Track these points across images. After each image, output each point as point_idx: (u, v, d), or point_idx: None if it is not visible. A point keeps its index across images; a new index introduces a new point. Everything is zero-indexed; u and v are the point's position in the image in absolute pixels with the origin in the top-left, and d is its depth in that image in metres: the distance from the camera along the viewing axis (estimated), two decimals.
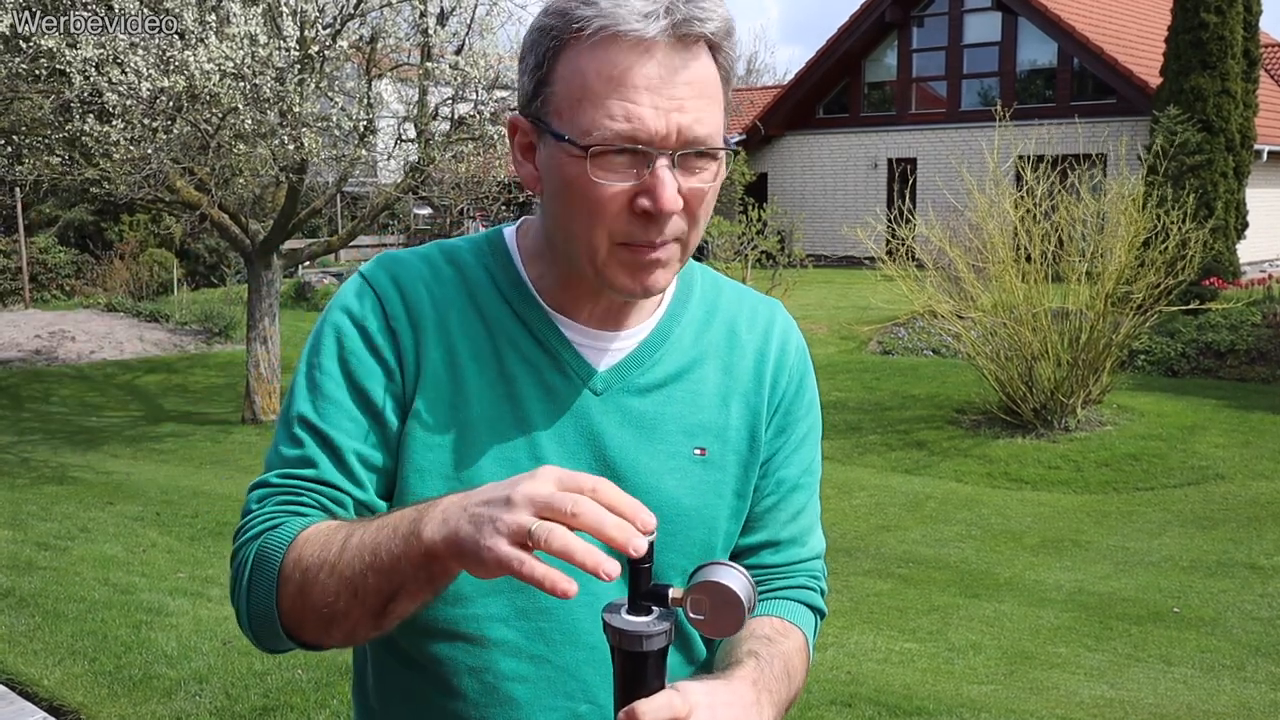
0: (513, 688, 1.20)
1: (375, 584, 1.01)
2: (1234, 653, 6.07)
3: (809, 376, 1.40)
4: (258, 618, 1.11)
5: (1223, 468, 9.78)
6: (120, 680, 4.48)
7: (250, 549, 1.12)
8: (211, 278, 23.14)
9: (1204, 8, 15.45)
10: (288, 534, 1.10)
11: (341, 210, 23.05)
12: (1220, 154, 15.63)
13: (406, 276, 1.23)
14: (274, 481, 1.18)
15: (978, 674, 5.59)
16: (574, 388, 1.22)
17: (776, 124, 25.17)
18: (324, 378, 1.20)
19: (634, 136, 1.08)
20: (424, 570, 0.98)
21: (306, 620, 1.08)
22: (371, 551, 1.01)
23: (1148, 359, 13.19)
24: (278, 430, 1.22)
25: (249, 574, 1.11)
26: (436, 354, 1.20)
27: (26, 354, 16.93)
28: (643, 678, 0.97)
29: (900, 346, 14.72)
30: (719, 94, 1.14)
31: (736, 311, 1.34)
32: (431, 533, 0.96)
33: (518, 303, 1.23)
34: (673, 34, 1.08)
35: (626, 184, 1.10)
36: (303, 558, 1.07)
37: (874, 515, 9.05)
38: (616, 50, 1.08)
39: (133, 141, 9.85)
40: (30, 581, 5.91)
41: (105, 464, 10.65)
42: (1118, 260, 10.47)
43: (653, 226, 1.11)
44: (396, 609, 1.02)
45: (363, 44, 11.27)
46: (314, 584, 1.05)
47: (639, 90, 1.07)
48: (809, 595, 1.36)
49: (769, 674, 1.15)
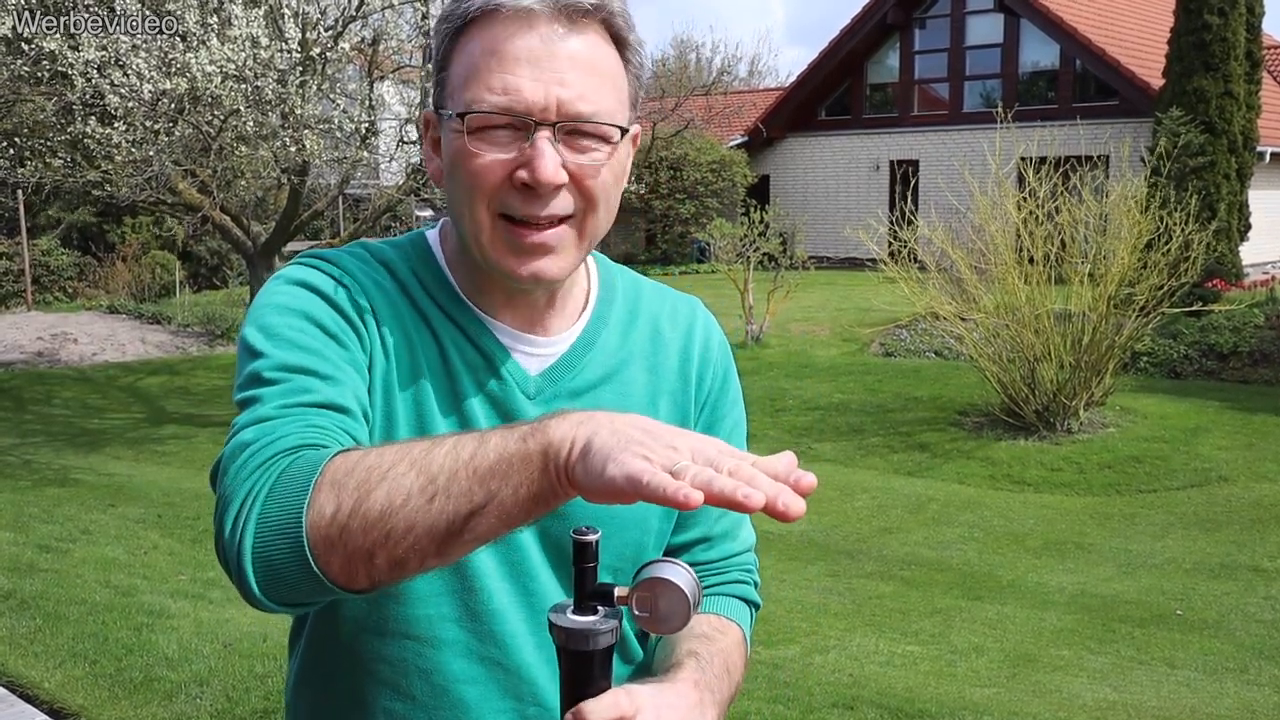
0: (463, 690, 1.19)
1: (465, 486, 0.89)
2: (1238, 655, 6.06)
3: (732, 371, 1.39)
4: (272, 543, 0.93)
5: (1226, 470, 9.76)
6: (121, 683, 4.47)
7: (272, 468, 0.96)
8: (213, 280, 23.17)
9: (1207, 9, 15.44)
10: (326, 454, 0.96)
11: (343, 212, 23.06)
12: (1223, 156, 15.62)
13: (351, 264, 1.20)
14: (272, 413, 1.03)
15: (980, 677, 5.58)
16: (509, 391, 1.21)
17: (778, 126, 25.19)
18: (290, 331, 1.10)
19: (510, 108, 1.08)
20: (527, 480, 0.89)
21: (351, 537, 0.91)
22: (473, 448, 0.91)
23: (1150, 361, 13.17)
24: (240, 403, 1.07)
25: (268, 493, 0.95)
26: (395, 339, 1.17)
27: (29, 356, 16.94)
28: (589, 677, 0.97)
29: (902, 348, 14.70)
30: (611, 75, 1.13)
31: (658, 310, 1.34)
32: (561, 433, 0.89)
33: (449, 305, 1.22)
34: (554, 5, 1.08)
35: (506, 155, 1.09)
36: (357, 458, 0.93)
37: (876, 517, 9.04)
38: (500, 24, 1.09)
39: (135, 144, 9.85)
40: (31, 584, 5.91)
41: (107, 466, 10.65)
42: (1120, 262, 10.46)
43: (534, 201, 1.10)
44: (477, 527, 0.90)
45: (364, 46, 11.27)
46: (381, 482, 0.90)
47: (518, 62, 1.08)
48: (743, 589, 1.36)
49: (710, 673, 1.16)
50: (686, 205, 24.25)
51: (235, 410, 1.09)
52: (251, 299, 12.43)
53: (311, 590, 0.94)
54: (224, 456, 1.02)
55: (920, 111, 23.96)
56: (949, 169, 18.40)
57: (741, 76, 41.44)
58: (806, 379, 13.41)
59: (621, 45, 1.14)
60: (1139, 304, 10.56)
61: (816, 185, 25.21)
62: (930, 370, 13.55)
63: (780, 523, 0.81)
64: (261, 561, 0.94)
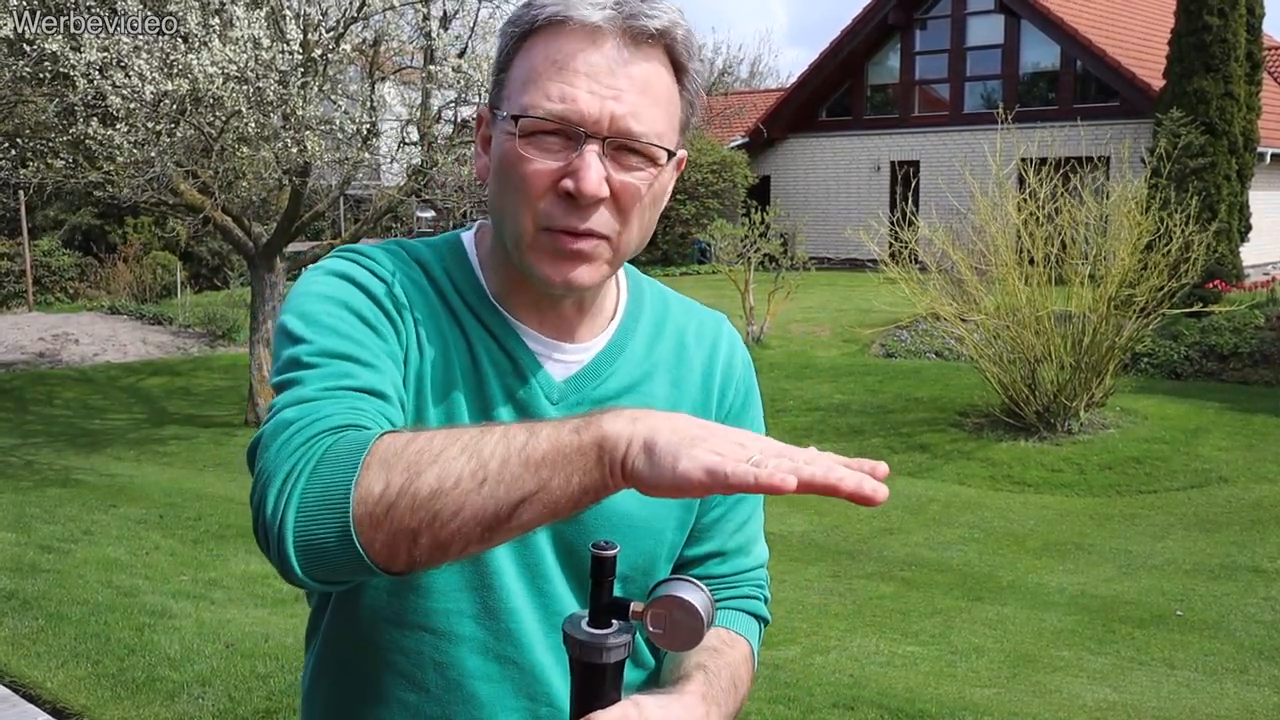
0: (476, 685, 1.21)
1: (515, 473, 0.90)
2: (1237, 656, 6.06)
3: (754, 389, 1.42)
4: (316, 517, 0.93)
5: (1226, 471, 9.77)
6: (123, 683, 4.48)
7: (317, 446, 0.96)
8: (215, 280, 23.18)
9: (1207, 10, 15.45)
10: (372, 435, 0.96)
11: (345, 213, 23.08)
12: (1223, 157, 15.63)
13: (386, 260, 1.22)
14: (313, 395, 1.04)
15: (980, 677, 5.58)
16: (534, 396, 1.23)
17: (779, 127, 25.20)
18: (331, 319, 1.12)
19: (565, 117, 1.10)
20: (580, 471, 0.90)
21: (397, 516, 0.91)
22: (525, 438, 0.92)
23: (1151, 362, 13.18)
24: (276, 388, 1.08)
25: (312, 469, 0.94)
26: (428, 336, 1.19)
27: (30, 356, 16.96)
28: (600, 689, 0.99)
29: (903, 349, 14.71)
30: (667, 100, 1.15)
31: (685, 324, 1.35)
32: (618, 428, 0.90)
33: (479, 307, 1.24)
34: (621, 25, 1.11)
35: (554, 164, 1.11)
36: (407, 439, 0.94)
37: (876, 518, 9.05)
38: (565, 36, 1.11)
39: (136, 145, 9.87)
40: (33, 584, 5.92)
41: (109, 466, 10.66)
42: (1121, 263, 10.46)
43: (576, 212, 1.12)
44: (523, 515, 0.91)
45: (366, 47, 11.29)
46: (433, 463, 0.91)
47: (579, 75, 1.10)
48: (754, 604, 1.37)
49: (717, 687, 1.18)
50: (687, 206, 24.26)
51: (241, 411, 1.11)
52: (253, 300, 12.47)
53: (352, 569, 0.94)
54: (264, 434, 1.02)
55: (921, 112, 23.96)
56: (950, 170, 18.41)
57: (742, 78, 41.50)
58: (807, 380, 13.42)
59: (680, 71, 1.17)
60: (1139, 305, 10.57)
61: (817, 186, 25.21)
62: (931, 371, 13.55)
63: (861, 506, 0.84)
64: (304, 539, 0.93)
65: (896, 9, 23.29)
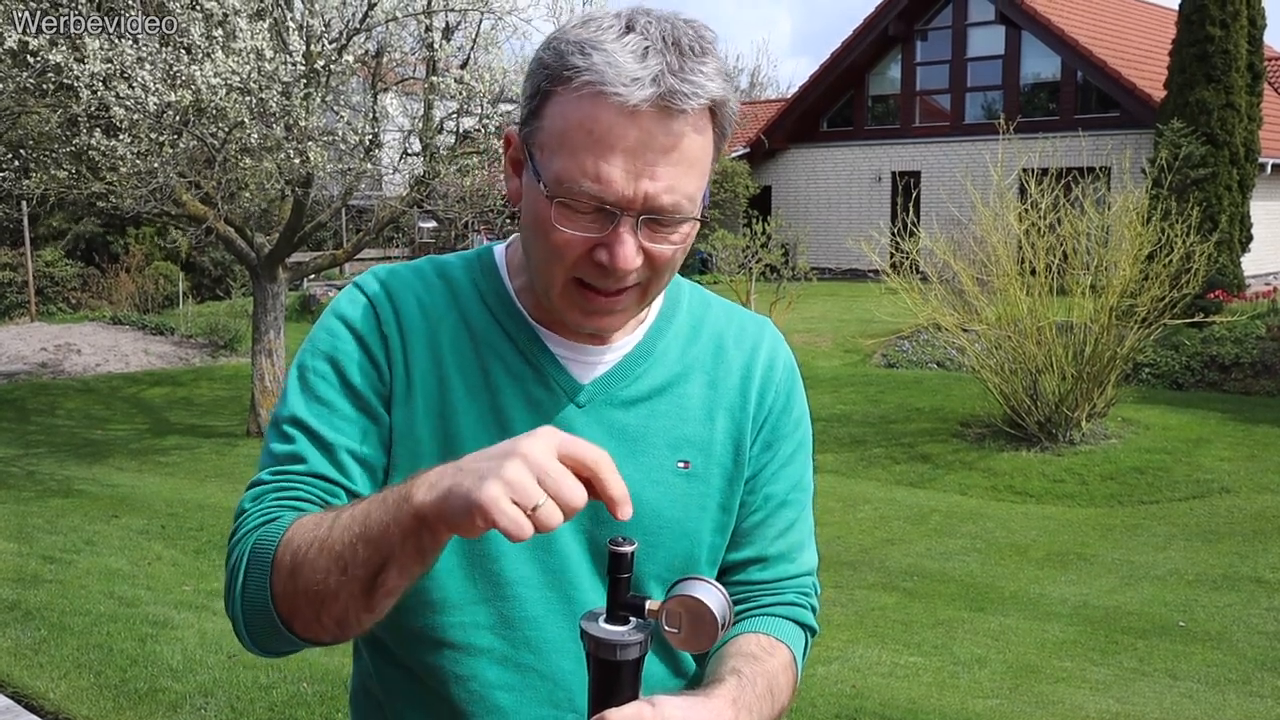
0: (499, 696, 1.22)
1: (365, 555, 1.01)
2: (1240, 667, 6.06)
3: (797, 393, 1.40)
4: (252, 610, 1.10)
5: (1228, 481, 9.76)
6: (126, 693, 4.48)
7: (246, 543, 1.13)
8: (217, 291, 23.20)
9: (1208, 21, 15.49)
10: (282, 526, 1.11)
11: (347, 224, 23.10)
12: (1224, 167, 15.65)
13: (398, 286, 1.26)
14: (266, 479, 1.19)
15: (983, 688, 5.58)
16: (557, 400, 1.24)
17: (780, 137, 25.23)
18: (316, 379, 1.22)
19: (600, 197, 1.10)
20: (413, 537, 0.99)
21: (299, 605, 1.07)
22: (361, 522, 1.02)
23: (1152, 372, 13.18)
24: (268, 432, 1.24)
25: (245, 567, 1.11)
26: (425, 364, 1.23)
27: (32, 367, 16.97)
28: (616, 687, 0.99)
29: (904, 359, 14.72)
30: (700, 159, 1.14)
31: (725, 327, 1.36)
32: (422, 495, 0.98)
33: (503, 316, 1.26)
34: (657, 104, 1.08)
35: (588, 234, 1.12)
36: (294, 539, 1.08)
37: (878, 528, 9.04)
38: (601, 109, 1.08)
39: (139, 155, 9.89)
40: (36, 595, 5.92)
41: (111, 477, 10.67)
42: (1122, 273, 10.47)
43: (609, 278, 1.14)
44: (386, 582, 1.02)
45: (368, 58, 11.31)
46: (305, 564, 1.05)
47: (614, 153, 1.09)
48: (798, 612, 1.35)
49: (750, 693, 1.15)
50: None
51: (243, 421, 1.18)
52: (255, 310, 12.49)
53: (291, 644, 1.12)
54: (237, 510, 1.19)
55: (922, 123, 23.99)
56: (951, 180, 18.43)
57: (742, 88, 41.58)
58: (808, 390, 13.07)
59: (719, 131, 1.16)
60: (1141, 315, 10.57)
61: (818, 196, 25.24)
62: (932, 381, 13.56)
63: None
64: (250, 630, 1.13)
65: (897, 20, 23.34)
